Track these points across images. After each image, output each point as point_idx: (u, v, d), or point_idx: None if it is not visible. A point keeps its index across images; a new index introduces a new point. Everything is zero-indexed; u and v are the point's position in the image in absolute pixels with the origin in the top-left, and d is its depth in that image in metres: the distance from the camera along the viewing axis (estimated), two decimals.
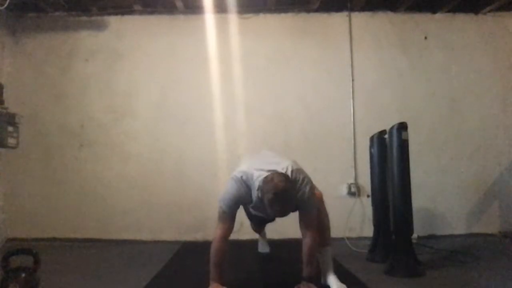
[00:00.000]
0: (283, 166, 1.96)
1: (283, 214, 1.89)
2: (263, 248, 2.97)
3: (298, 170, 1.99)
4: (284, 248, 3.01)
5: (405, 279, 2.32)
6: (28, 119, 3.59)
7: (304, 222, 2.01)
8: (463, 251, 2.99)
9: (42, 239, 3.53)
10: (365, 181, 3.48)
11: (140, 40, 3.84)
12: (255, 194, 1.95)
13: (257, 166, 1.98)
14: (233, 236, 2.03)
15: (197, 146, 3.72)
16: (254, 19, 3.83)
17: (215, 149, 3.65)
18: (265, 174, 1.88)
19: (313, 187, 2.03)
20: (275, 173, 1.88)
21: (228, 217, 1.98)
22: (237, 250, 2.98)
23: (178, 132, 3.76)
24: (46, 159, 3.72)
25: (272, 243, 3.18)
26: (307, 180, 1.99)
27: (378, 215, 2.95)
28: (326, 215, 2.20)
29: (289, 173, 1.93)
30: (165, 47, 3.83)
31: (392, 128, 2.61)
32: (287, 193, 1.83)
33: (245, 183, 1.96)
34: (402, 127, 2.55)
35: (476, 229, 3.71)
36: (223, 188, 2.04)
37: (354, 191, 3.70)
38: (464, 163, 3.78)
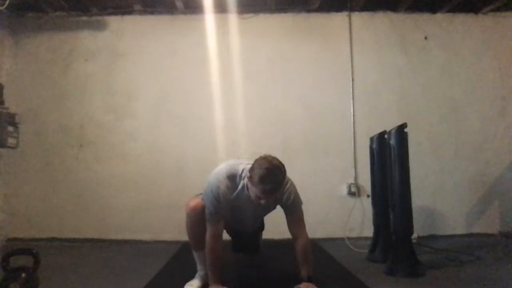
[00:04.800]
0: None
1: (272, 192, 1.82)
2: None
3: None
4: (284, 248, 3.00)
5: (405, 279, 2.32)
6: (28, 119, 3.59)
7: (294, 223, 2.02)
8: (463, 251, 2.99)
9: (42, 239, 3.53)
10: (365, 181, 3.48)
11: (140, 40, 3.83)
12: (239, 186, 1.96)
13: (244, 163, 1.99)
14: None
15: (197, 146, 3.72)
16: (254, 19, 3.83)
17: (215, 149, 3.65)
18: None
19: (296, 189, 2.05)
20: (269, 155, 1.88)
21: (215, 217, 1.95)
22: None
23: (178, 132, 3.76)
24: (46, 159, 3.72)
25: (272, 243, 3.18)
26: (291, 182, 2.03)
27: (378, 215, 2.95)
28: None
29: None
30: (165, 47, 3.83)
31: (392, 128, 2.61)
32: (280, 171, 1.83)
33: (228, 179, 1.95)
34: (402, 127, 2.55)
35: (476, 229, 3.70)
36: (205, 186, 2.01)
37: (354, 191, 3.70)
38: (464, 163, 3.78)
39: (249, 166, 1.91)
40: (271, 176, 1.80)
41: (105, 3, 3.72)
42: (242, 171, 1.97)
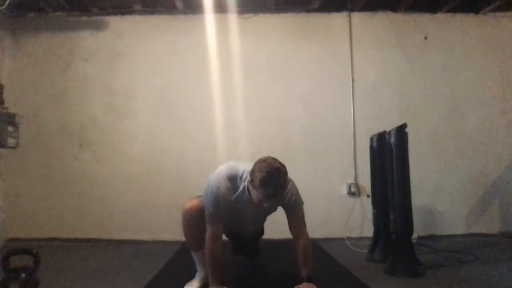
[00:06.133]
0: None
1: (274, 196, 1.81)
2: None
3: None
4: (284, 248, 3.00)
5: (405, 279, 2.32)
6: (28, 119, 3.59)
7: (295, 224, 2.02)
8: (463, 251, 2.99)
9: (42, 239, 3.53)
10: (365, 181, 3.48)
11: (140, 40, 3.83)
12: (240, 188, 1.93)
13: (244, 164, 1.98)
14: None
15: (197, 146, 3.72)
16: (254, 19, 3.83)
17: (215, 149, 3.65)
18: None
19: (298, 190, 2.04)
20: (268, 156, 1.87)
21: (215, 217, 1.94)
22: None
23: (178, 132, 3.76)
24: (46, 159, 3.72)
25: (272, 243, 3.18)
26: (292, 182, 2.01)
27: (378, 215, 2.95)
28: None
29: None
30: (165, 47, 3.83)
31: (392, 128, 2.61)
32: (281, 173, 1.80)
33: (228, 180, 1.94)
34: (402, 127, 2.55)
35: (476, 229, 3.70)
36: (205, 187, 1.99)
37: (354, 191, 3.70)
38: (464, 163, 3.78)
39: (250, 168, 1.89)
40: (273, 179, 1.77)
41: (105, 3, 3.72)
42: (243, 172, 1.95)
